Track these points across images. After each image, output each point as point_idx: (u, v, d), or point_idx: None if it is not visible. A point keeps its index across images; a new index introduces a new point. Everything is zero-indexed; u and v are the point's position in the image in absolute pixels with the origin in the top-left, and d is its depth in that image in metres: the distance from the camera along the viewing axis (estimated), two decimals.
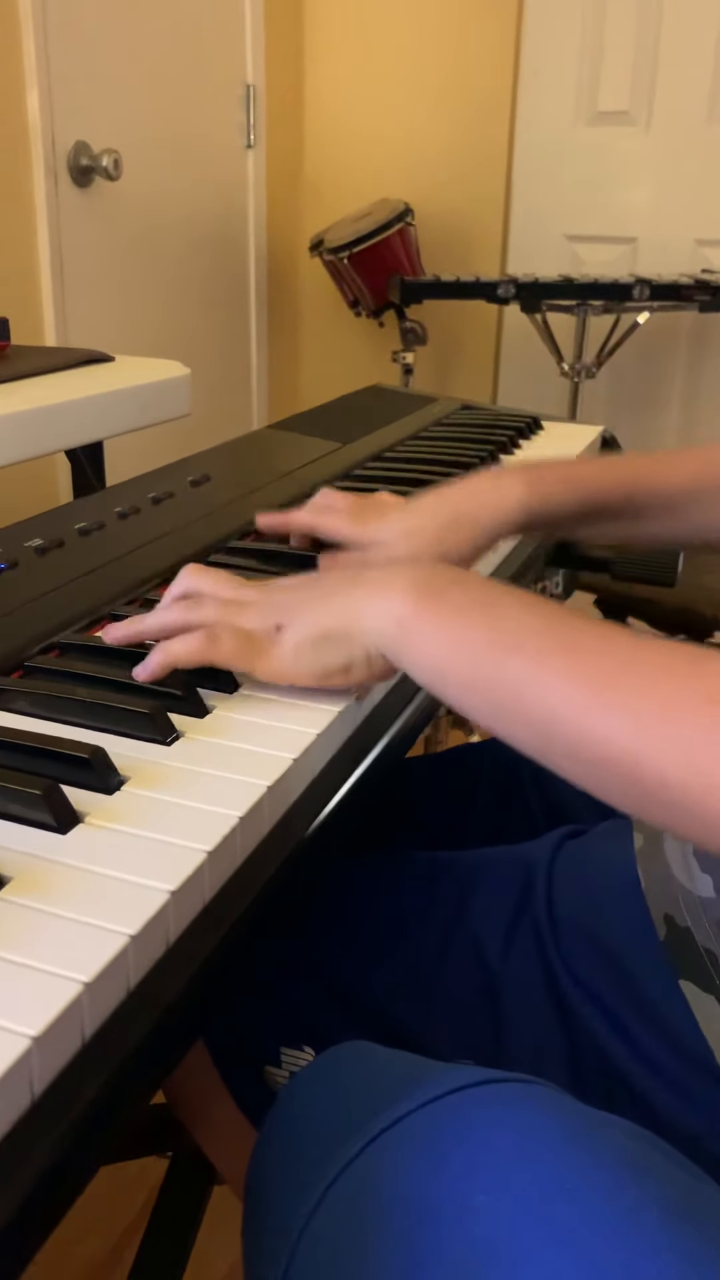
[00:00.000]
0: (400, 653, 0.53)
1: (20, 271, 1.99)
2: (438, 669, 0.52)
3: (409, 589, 0.53)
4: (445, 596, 0.53)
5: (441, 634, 0.51)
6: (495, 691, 0.49)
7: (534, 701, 0.47)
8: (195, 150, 2.44)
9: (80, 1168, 0.36)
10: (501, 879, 0.67)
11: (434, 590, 0.53)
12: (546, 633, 0.49)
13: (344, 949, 0.65)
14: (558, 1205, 0.41)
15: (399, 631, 0.53)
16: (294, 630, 0.57)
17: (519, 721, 0.49)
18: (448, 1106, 0.46)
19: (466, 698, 0.51)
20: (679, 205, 2.57)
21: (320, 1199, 0.45)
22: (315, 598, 0.57)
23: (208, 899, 0.45)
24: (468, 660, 0.50)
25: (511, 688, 0.48)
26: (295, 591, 0.59)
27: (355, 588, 0.56)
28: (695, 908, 0.56)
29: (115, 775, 0.50)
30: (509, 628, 0.50)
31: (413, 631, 0.52)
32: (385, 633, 0.54)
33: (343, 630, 0.55)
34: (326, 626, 0.56)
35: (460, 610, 0.52)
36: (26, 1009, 0.35)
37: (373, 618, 0.54)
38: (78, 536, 0.80)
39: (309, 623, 0.56)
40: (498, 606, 0.52)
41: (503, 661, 0.49)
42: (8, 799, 0.46)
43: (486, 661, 0.49)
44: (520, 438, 1.22)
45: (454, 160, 2.71)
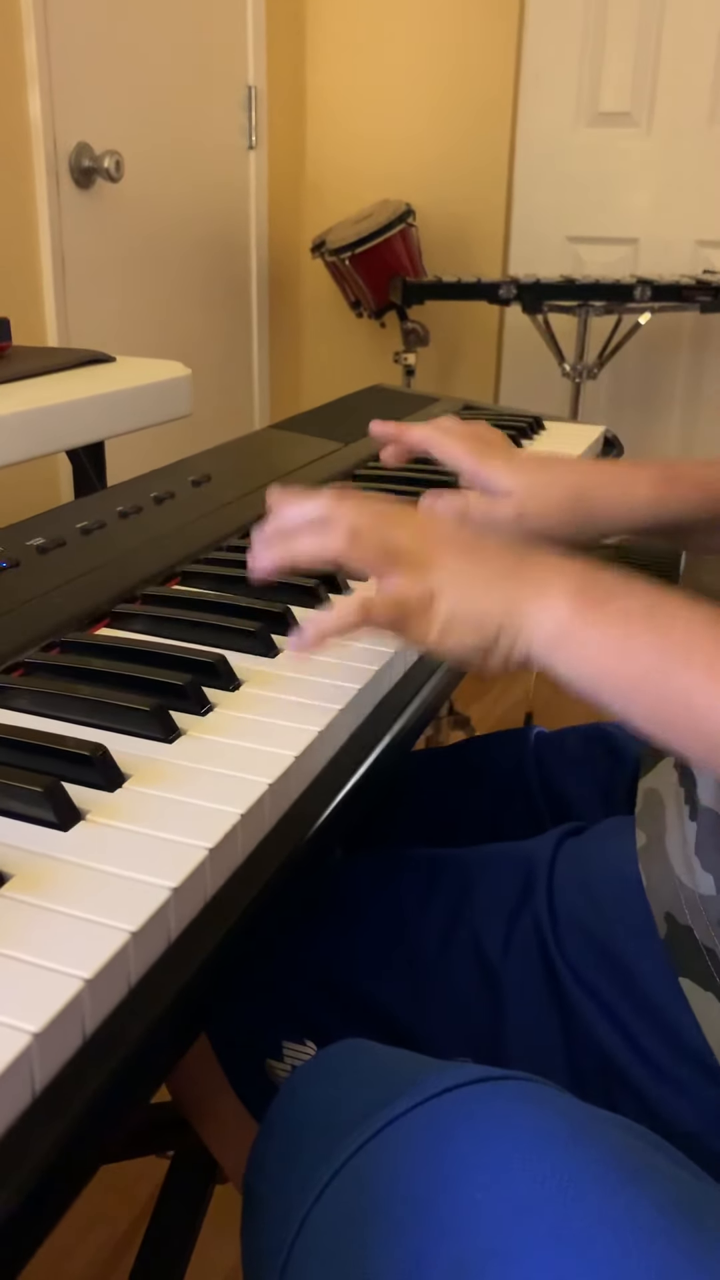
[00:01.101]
0: (556, 657, 0.52)
1: (22, 272, 1.99)
2: (598, 677, 0.51)
3: (572, 593, 0.52)
4: (609, 603, 0.52)
5: (608, 642, 0.50)
6: (662, 702, 0.49)
7: (706, 713, 0.47)
8: (197, 152, 2.44)
9: (81, 1165, 0.36)
10: (502, 876, 0.67)
11: (598, 596, 0.52)
12: (718, 642, 0.48)
13: (345, 945, 0.65)
14: (556, 1202, 0.41)
15: (559, 638, 0.52)
16: (447, 605, 0.54)
17: (689, 733, 0.48)
18: (446, 1104, 0.46)
19: (629, 706, 0.50)
20: (680, 206, 2.57)
21: (319, 1195, 0.45)
22: (476, 576, 0.55)
23: (209, 896, 0.45)
24: (635, 670, 0.49)
25: (681, 699, 0.48)
26: (455, 554, 0.57)
27: (517, 578, 0.54)
28: (696, 906, 0.56)
29: (117, 772, 0.50)
30: (677, 638, 0.49)
31: (574, 639, 0.51)
32: (542, 637, 0.52)
33: (497, 621, 0.53)
34: (480, 611, 0.54)
35: (626, 617, 0.51)
36: (27, 1005, 0.35)
37: (532, 620, 0.53)
38: (79, 535, 0.80)
39: (465, 605, 0.54)
40: (664, 614, 0.50)
41: (672, 673, 0.48)
42: (10, 796, 0.46)
43: (654, 672, 0.49)
44: (522, 438, 1.22)
45: (455, 161, 2.71)
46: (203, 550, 0.80)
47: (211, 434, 1.36)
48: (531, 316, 2.36)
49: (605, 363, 2.42)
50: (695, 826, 0.58)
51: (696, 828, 0.58)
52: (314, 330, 2.98)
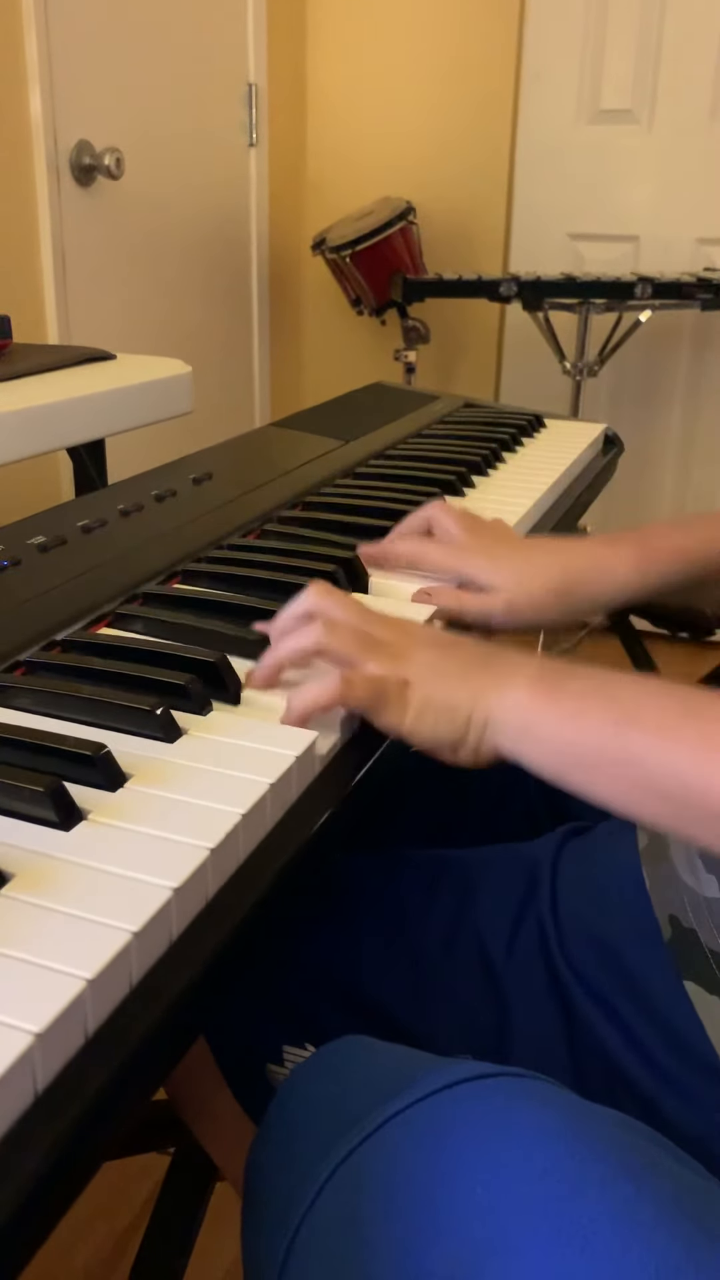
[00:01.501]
0: (519, 743, 0.55)
1: (22, 270, 1.99)
2: (559, 754, 0.53)
3: (531, 684, 0.55)
4: (564, 687, 0.55)
5: (562, 720, 0.53)
6: (620, 768, 0.51)
7: (661, 771, 0.49)
8: (197, 149, 2.44)
9: (83, 1164, 0.36)
10: (505, 877, 0.67)
11: (554, 682, 0.55)
12: (665, 704, 0.51)
13: (346, 947, 0.65)
14: (555, 1197, 0.41)
15: (521, 728, 0.55)
16: (421, 691, 0.57)
17: (650, 795, 0.50)
18: (445, 1101, 0.46)
19: (592, 780, 0.52)
20: (681, 203, 2.57)
21: (319, 1192, 0.45)
22: (449, 669, 0.58)
23: (210, 896, 0.45)
24: (590, 741, 0.52)
25: (637, 761, 0.50)
26: (430, 651, 0.60)
27: (484, 675, 0.57)
28: (700, 908, 0.56)
29: (118, 772, 0.50)
30: (626, 704, 0.52)
31: (535, 725, 0.54)
32: (506, 723, 0.55)
33: (465, 712, 0.56)
34: (451, 700, 0.57)
35: (579, 696, 0.54)
36: (29, 1005, 0.35)
37: (495, 713, 0.55)
38: (80, 534, 0.81)
39: (437, 692, 0.57)
40: (612, 687, 0.53)
41: (625, 736, 0.50)
42: (11, 796, 0.47)
43: (608, 739, 0.51)
44: (523, 435, 1.22)
45: (456, 158, 2.71)
46: (204, 548, 0.80)
47: (212, 431, 1.36)
48: (532, 314, 2.36)
49: (606, 360, 2.42)
50: None
51: None
52: (314, 328, 2.98)
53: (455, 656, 0.60)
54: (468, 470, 1.03)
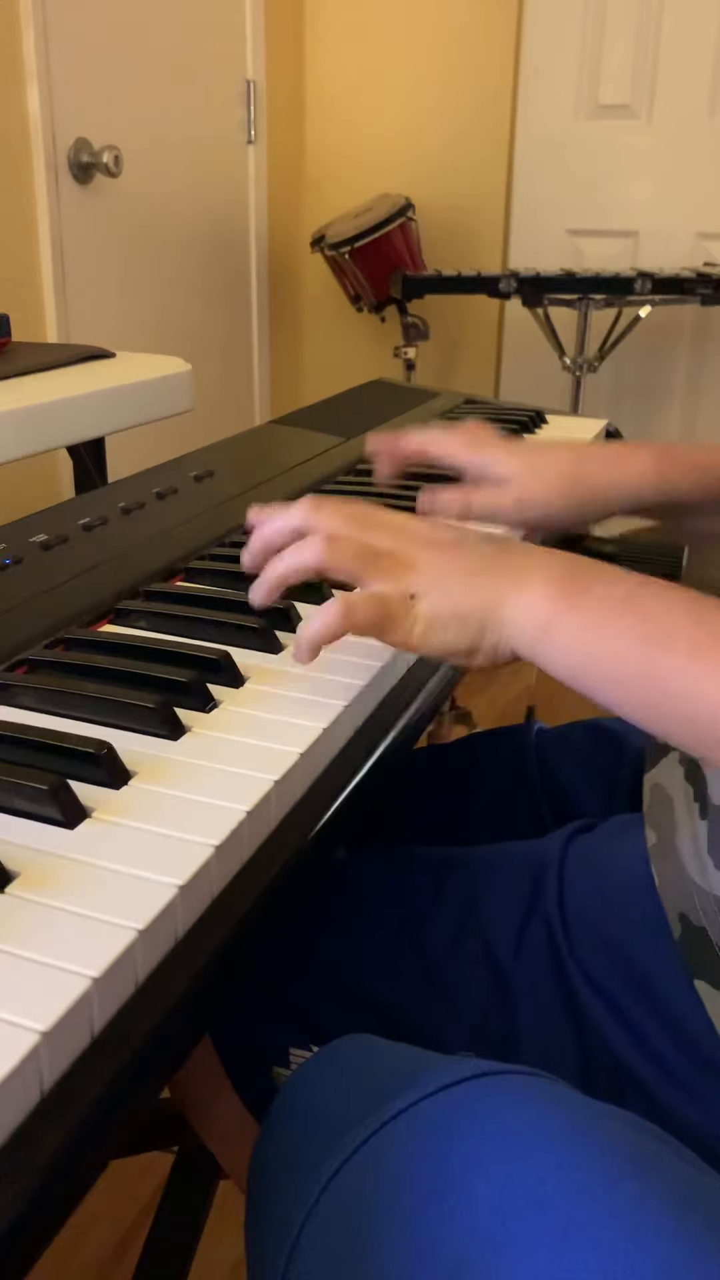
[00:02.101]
0: (538, 649, 0.52)
1: (21, 268, 1.98)
2: (581, 666, 0.51)
3: (552, 584, 0.52)
4: (589, 592, 0.52)
5: (587, 631, 0.50)
6: (646, 688, 0.48)
7: (689, 697, 0.47)
8: (196, 146, 2.43)
9: (89, 1162, 0.36)
10: (512, 876, 0.66)
11: (577, 586, 0.52)
12: (698, 626, 0.48)
13: (352, 948, 0.65)
14: (561, 1196, 0.41)
15: (540, 629, 0.52)
16: (428, 604, 0.55)
17: (674, 718, 0.48)
18: (450, 1098, 0.46)
19: (613, 693, 0.50)
20: (680, 198, 2.57)
21: (323, 1190, 0.45)
22: (456, 573, 0.55)
23: (215, 893, 0.45)
24: (617, 657, 0.49)
25: (664, 684, 0.48)
26: (434, 553, 0.57)
27: (498, 573, 0.54)
28: (710, 906, 0.56)
29: (122, 770, 0.50)
30: (658, 622, 0.49)
31: (555, 629, 0.51)
32: (524, 629, 0.52)
33: (478, 617, 0.54)
34: (462, 608, 0.54)
35: (605, 604, 0.51)
36: (35, 1004, 0.35)
37: (513, 612, 0.53)
38: (82, 532, 0.80)
39: (446, 601, 0.55)
40: (643, 600, 0.50)
41: (654, 658, 0.48)
42: (15, 794, 0.46)
43: (636, 658, 0.48)
44: (524, 431, 1.22)
45: (455, 155, 2.70)
46: (206, 545, 0.80)
47: (212, 429, 1.35)
48: (532, 310, 2.36)
49: (606, 356, 2.42)
50: (706, 825, 0.58)
51: (707, 826, 0.58)
52: (314, 324, 2.98)
53: (464, 558, 0.56)
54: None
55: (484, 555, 0.56)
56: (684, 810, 0.60)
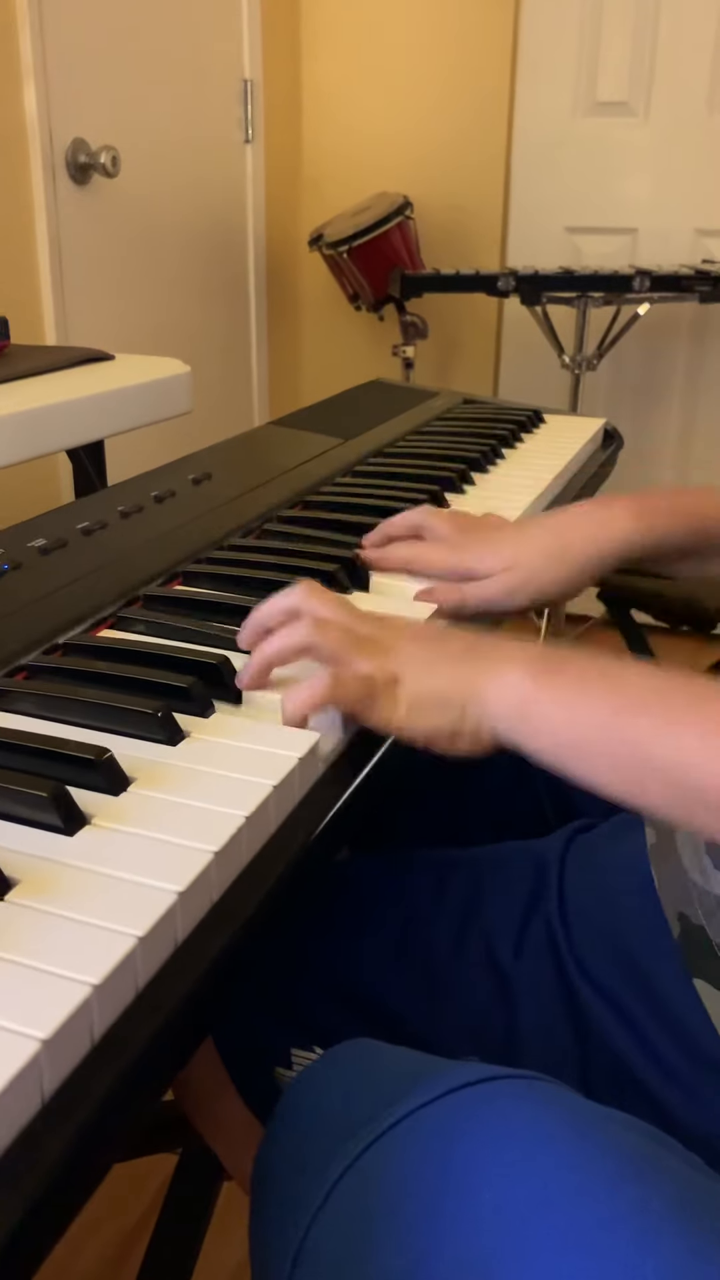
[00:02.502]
0: (518, 731, 0.54)
1: (19, 270, 1.98)
2: (561, 743, 0.52)
3: (528, 664, 0.54)
4: (563, 671, 0.54)
5: (564, 707, 0.52)
6: (625, 756, 0.50)
7: (667, 759, 0.48)
8: (193, 146, 2.43)
9: (91, 1168, 0.36)
10: (513, 877, 0.66)
11: (551, 666, 0.54)
12: (670, 692, 0.50)
13: (354, 949, 0.65)
14: (563, 1200, 0.41)
15: (519, 706, 0.54)
16: (410, 686, 0.57)
17: (654, 782, 0.49)
18: (453, 1103, 0.46)
19: (594, 767, 0.51)
20: (679, 195, 2.56)
21: (327, 1195, 0.45)
22: (439, 660, 0.58)
23: (215, 899, 0.45)
24: (594, 728, 0.51)
25: (642, 749, 0.49)
26: (418, 644, 0.59)
27: (476, 658, 0.56)
28: (710, 906, 0.56)
29: (121, 776, 0.50)
30: (632, 692, 0.51)
31: (533, 705, 0.53)
32: (503, 713, 0.54)
33: (459, 699, 0.55)
34: (445, 691, 0.56)
35: (581, 681, 0.53)
36: (36, 1012, 0.36)
37: (491, 697, 0.55)
38: (81, 536, 0.80)
39: (425, 682, 0.57)
40: (616, 675, 0.52)
41: (630, 724, 0.50)
42: (14, 801, 0.47)
43: (613, 726, 0.50)
44: (522, 431, 1.22)
45: (453, 153, 2.70)
46: (205, 549, 0.80)
47: (210, 431, 1.35)
48: (530, 308, 2.36)
49: (604, 354, 2.41)
50: None
51: None
52: (312, 324, 2.97)
53: (444, 647, 0.59)
54: (468, 467, 1.03)
55: (463, 644, 0.59)
56: None
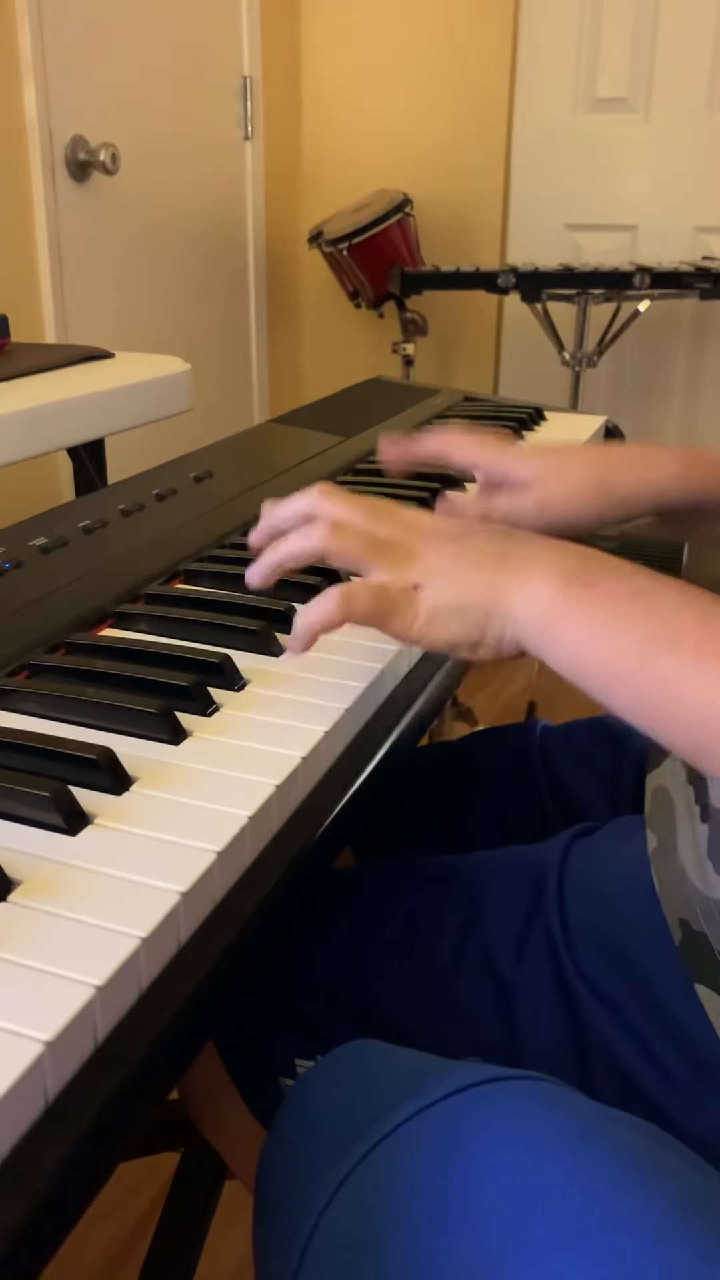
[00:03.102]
0: (541, 643, 0.51)
1: (19, 268, 1.98)
2: (584, 662, 0.49)
3: (558, 576, 0.51)
4: (596, 586, 0.50)
5: (592, 626, 0.49)
6: (648, 689, 0.47)
7: (692, 700, 0.45)
8: (193, 143, 2.43)
9: (94, 1170, 0.36)
10: (513, 883, 0.66)
11: (585, 579, 0.51)
12: (707, 626, 0.46)
13: (357, 960, 0.65)
14: (568, 1202, 0.41)
15: (544, 622, 0.51)
16: (431, 595, 0.54)
17: (675, 721, 0.47)
18: (456, 1105, 0.46)
19: (613, 692, 0.49)
20: (679, 192, 2.56)
21: (331, 1197, 0.45)
22: (460, 564, 0.54)
23: (218, 899, 0.45)
24: (618, 655, 0.48)
25: (667, 685, 0.46)
26: (439, 546, 0.56)
27: (502, 564, 0.53)
28: (711, 911, 0.55)
29: (124, 775, 0.50)
30: (666, 620, 0.47)
31: (559, 623, 0.50)
32: (528, 622, 0.51)
33: (482, 608, 0.52)
34: (466, 600, 0.53)
35: (611, 600, 0.49)
36: (39, 1013, 0.35)
37: (517, 604, 0.51)
38: (82, 535, 0.80)
39: (449, 591, 0.54)
40: (653, 597, 0.49)
41: (658, 657, 0.46)
42: (16, 801, 0.46)
43: (640, 657, 0.47)
44: (523, 429, 1.22)
45: (452, 150, 2.70)
46: (206, 547, 0.80)
47: (211, 429, 1.35)
48: (530, 305, 2.36)
49: (605, 351, 2.41)
50: (706, 829, 0.58)
51: (708, 830, 0.58)
52: (312, 321, 2.97)
53: (469, 550, 0.55)
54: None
55: (491, 547, 0.55)
56: (685, 813, 0.60)
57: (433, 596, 0.54)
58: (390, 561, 0.55)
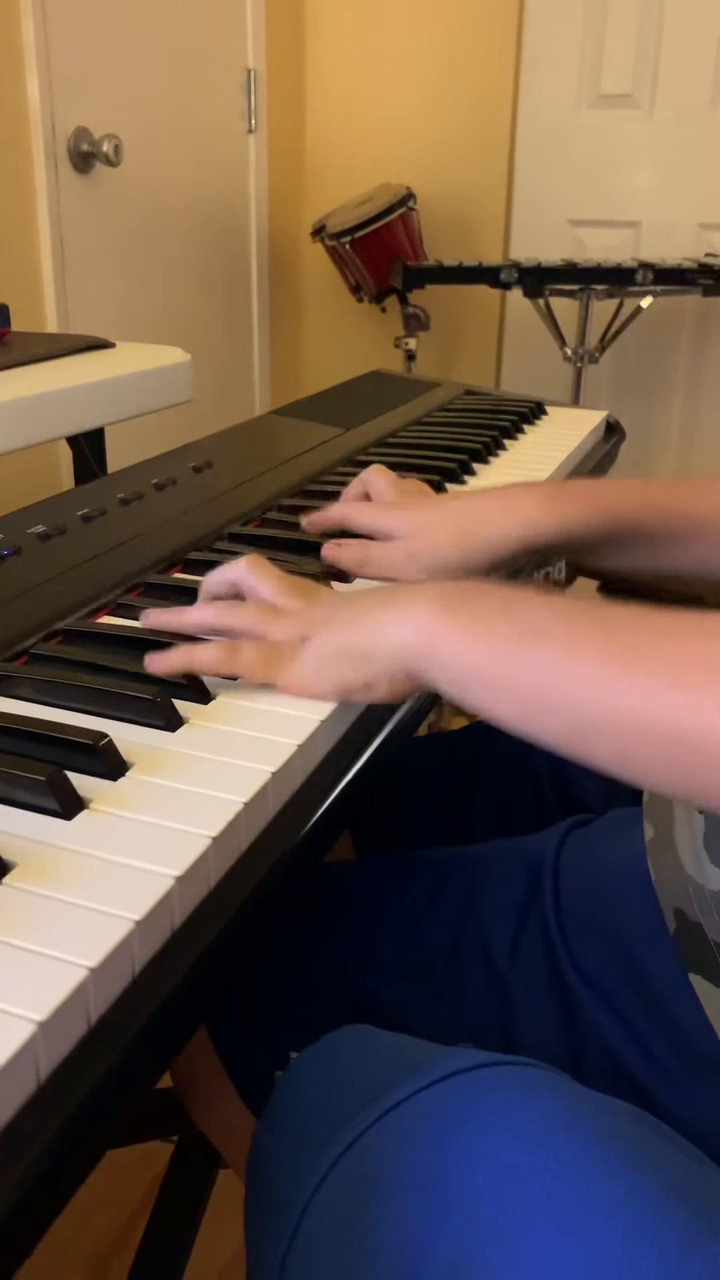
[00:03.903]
0: (424, 665, 0.53)
1: (21, 258, 1.98)
2: (463, 673, 0.52)
3: (432, 601, 0.54)
4: (468, 604, 0.53)
5: (467, 637, 0.51)
6: (523, 684, 0.49)
7: (564, 684, 0.47)
8: (196, 135, 2.42)
9: (85, 1152, 0.36)
10: (508, 876, 0.66)
11: (457, 600, 0.54)
12: (572, 619, 0.49)
13: (352, 951, 0.65)
14: (558, 1187, 0.41)
15: (423, 644, 0.53)
16: (317, 644, 0.57)
17: (550, 711, 0.48)
18: (448, 1089, 0.46)
19: (494, 698, 0.51)
20: (682, 189, 2.56)
21: (321, 1181, 0.45)
22: (344, 614, 0.58)
23: (212, 884, 0.45)
24: (494, 657, 0.50)
25: (540, 676, 0.48)
26: (329, 605, 0.59)
27: (382, 607, 0.56)
28: (706, 901, 0.56)
29: (120, 761, 0.50)
30: (533, 620, 0.50)
31: (437, 640, 0.52)
32: (409, 646, 0.54)
33: (365, 647, 0.55)
34: (349, 642, 0.56)
35: (484, 612, 0.52)
36: (32, 994, 0.35)
37: (396, 634, 0.54)
38: (80, 523, 0.80)
39: (332, 638, 0.57)
40: (520, 605, 0.52)
41: (529, 650, 0.49)
42: (13, 785, 0.46)
43: (512, 654, 0.49)
44: (524, 423, 1.22)
45: (456, 144, 2.69)
46: (204, 537, 0.80)
47: (211, 420, 1.35)
48: (533, 300, 2.35)
49: (607, 347, 2.41)
50: (703, 819, 0.58)
51: (704, 820, 0.58)
52: (314, 315, 2.97)
53: (354, 602, 0.59)
54: (469, 458, 1.03)
55: (376, 596, 0.59)
56: (682, 805, 0.61)
57: (318, 645, 0.57)
58: (281, 625, 0.59)
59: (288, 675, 0.57)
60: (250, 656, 0.57)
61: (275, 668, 0.57)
